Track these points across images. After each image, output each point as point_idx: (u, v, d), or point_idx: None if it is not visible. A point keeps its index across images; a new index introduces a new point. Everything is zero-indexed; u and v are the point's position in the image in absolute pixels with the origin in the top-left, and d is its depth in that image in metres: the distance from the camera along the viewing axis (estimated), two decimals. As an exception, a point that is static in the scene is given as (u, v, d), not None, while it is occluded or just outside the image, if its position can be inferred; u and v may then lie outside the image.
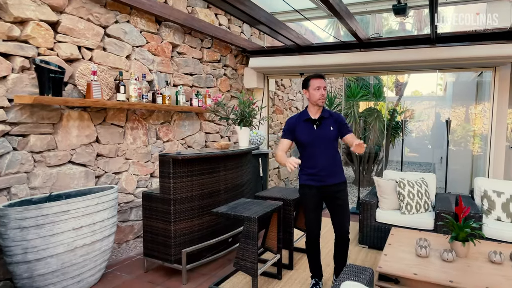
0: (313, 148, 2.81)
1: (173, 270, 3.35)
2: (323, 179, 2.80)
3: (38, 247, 2.55)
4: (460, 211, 2.85)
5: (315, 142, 2.80)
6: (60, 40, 3.09)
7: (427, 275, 2.45)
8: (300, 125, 2.84)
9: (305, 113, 2.88)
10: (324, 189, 2.82)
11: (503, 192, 3.83)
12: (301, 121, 2.85)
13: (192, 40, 4.68)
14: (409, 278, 2.47)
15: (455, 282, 2.34)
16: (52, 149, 3.05)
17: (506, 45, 4.33)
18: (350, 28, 4.24)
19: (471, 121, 7.33)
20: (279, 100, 7.33)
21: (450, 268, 2.58)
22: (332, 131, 2.81)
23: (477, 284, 2.33)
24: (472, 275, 2.49)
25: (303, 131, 2.82)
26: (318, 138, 2.80)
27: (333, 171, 2.84)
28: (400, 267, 2.57)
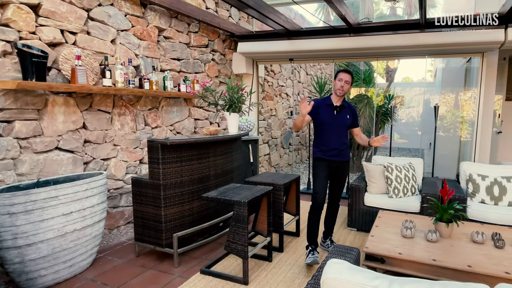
0: (330, 130, 3.38)
1: (164, 254, 3.42)
2: (334, 156, 3.38)
3: (28, 232, 2.59)
4: (444, 194, 2.94)
5: (332, 125, 3.37)
6: (42, 23, 3.07)
7: (411, 255, 2.55)
8: (323, 107, 3.36)
9: (329, 99, 3.43)
10: (332, 163, 3.39)
11: (488, 175, 3.97)
12: (325, 105, 3.38)
13: (178, 24, 4.67)
14: (394, 258, 2.57)
15: (438, 261, 2.44)
16: (38, 135, 3.06)
17: (494, 30, 4.38)
18: (340, 13, 4.26)
19: (460, 107, 7.44)
20: (268, 86, 7.37)
21: (434, 248, 2.69)
22: (348, 119, 3.42)
23: (459, 263, 2.44)
24: (454, 254, 2.59)
25: (325, 113, 3.36)
26: (336, 122, 3.37)
27: (341, 151, 3.42)
28: (386, 247, 2.66)
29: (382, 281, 1.28)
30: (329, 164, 3.38)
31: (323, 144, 3.39)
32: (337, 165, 3.43)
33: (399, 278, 1.30)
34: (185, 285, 2.87)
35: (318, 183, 3.36)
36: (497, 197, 3.85)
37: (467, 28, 4.44)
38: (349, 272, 1.35)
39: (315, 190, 3.36)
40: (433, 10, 14.62)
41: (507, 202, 3.81)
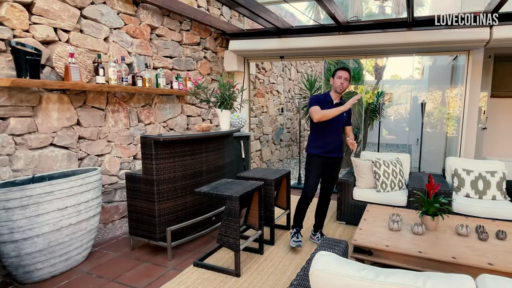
0: (328, 126, 3.41)
1: (158, 248, 3.46)
2: (328, 153, 3.45)
3: (24, 227, 2.61)
4: (430, 188, 3.00)
5: (332, 122, 3.37)
6: (35, 21, 3.07)
7: (398, 247, 2.59)
8: (324, 104, 3.39)
9: (328, 96, 3.49)
10: (326, 160, 3.46)
11: (472, 170, 4.05)
12: (326, 102, 3.42)
13: (171, 23, 4.68)
14: (381, 250, 2.62)
15: (423, 253, 2.50)
16: (33, 131, 3.07)
17: (479, 29, 4.42)
18: (329, 11, 4.28)
19: (447, 104, 7.48)
20: (260, 84, 7.41)
21: (420, 240, 2.73)
22: (345, 117, 3.47)
23: (443, 254, 2.48)
24: (439, 246, 2.64)
25: (325, 109, 3.32)
26: (335, 119, 3.35)
27: (337, 148, 3.51)
28: (373, 240, 2.71)
29: (368, 272, 1.30)
30: (324, 161, 3.45)
31: (321, 140, 3.44)
32: (332, 161, 3.51)
33: (385, 270, 1.33)
34: (178, 277, 2.91)
35: (311, 179, 3.44)
36: (482, 191, 3.92)
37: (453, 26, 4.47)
38: (336, 264, 1.37)
39: (307, 185, 3.44)
40: (420, 9, 14.77)
41: (491, 196, 3.89)
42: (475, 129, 5.33)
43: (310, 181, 3.43)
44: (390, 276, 1.26)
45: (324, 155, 3.42)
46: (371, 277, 1.27)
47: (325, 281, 1.34)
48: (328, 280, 1.33)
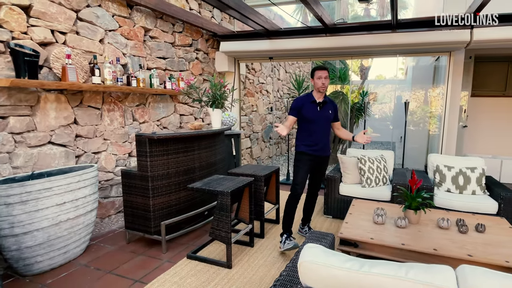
0: (315, 125, 3.41)
1: (153, 241, 3.52)
2: (317, 151, 3.44)
3: (24, 221, 2.66)
4: (413, 183, 3.05)
5: (317, 120, 3.40)
6: (33, 24, 3.10)
7: (382, 239, 2.65)
8: (306, 105, 3.38)
9: (311, 96, 3.43)
10: (314, 158, 3.45)
11: (453, 166, 4.13)
12: (308, 102, 3.39)
13: (164, 25, 4.73)
14: (366, 242, 2.67)
15: (406, 245, 2.55)
16: (32, 130, 3.10)
17: (460, 31, 4.48)
18: (316, 14, 4.33)
19: (429, 103, 7.54)
20: (250, 84, 7.48)
21: (403, 233, 2.79)
22: (330, 114, 3.48)
23: (425, 246, 2.53)
24: (422, 239, 2.69)
25: (309, 110, 3.37)
26: (320, 117, 3.41)
27: (325, 146, 3.51)
28: (359, 233, 2.76)
29: (354, 263, 1.34)
30: (312, 159, 3.45)
31: (308, 139, 3.42)
32: (320, 159, 3.51)
33: (370, 261, 1.36)
34: (173, 269, 2.96)
35: (299, 176, 3.42)
36: (462, 186, 3.99)
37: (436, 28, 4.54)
38: (324, 256, 1.41)
39: (296, 182, 3.43)
40: (404, 11, 14.99)
41: (471, 191, 3.96)
42: (456, 127, 5.41)
43: (298, 177, 3.42)
44: (374, 267, 1.30)
45: (312, 153, 3.42)
46: (356, 267, 1.31)
47: (313, 271, 1.38)
48: (316, 271, 1.37)
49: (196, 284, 2.72)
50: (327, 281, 1.35)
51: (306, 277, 1.40)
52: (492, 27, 4.31)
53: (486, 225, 2.95)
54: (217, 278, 2.83)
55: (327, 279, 1.34)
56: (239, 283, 2.74)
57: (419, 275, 1.23)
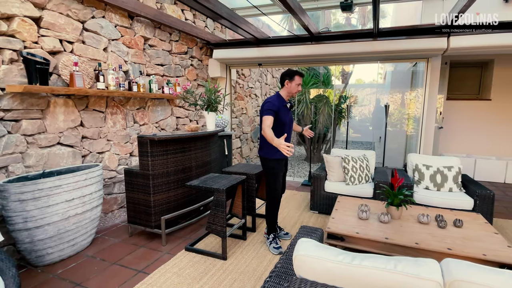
0: (287, 128, 3.29)
1: (153, 234, 3.64)
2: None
3: (36, 216, 2.75)
4: (395, 181, 3.14)
5: (288, 123, 3.30)
6: (43, 34, 3.18)
7: (367, 234, 2.73)
8: (281, 109, 3.19)
9: (282, 99, 3.26)
10: (285, 161, 3.43)
11: (431, 165, 4.21)
12: (282, 106, 3.22)
13: (161, 34, 4.82)
14: (352, 236, 2.76)
15: (389, 239, 2.64)
16: (42, 132, 3.18)
17: (438, 39, 4.58)
18: (303, 23, 4.41)
19: (406, 105, 7.62)
20: (240, 88, 7.61)
21: (386, 228, 2.86)
22: (291, 114, 3.41)
23: (407, 240, 2.61)
24: (403, 233, 2.76)
25: (284, 113, 3.23)
26: (290, 120, 3.34)
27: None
28: (345, 228, 2.85)
29: (346, 256, 1.37)
30: (285, 162, 3.42)
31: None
32: (286, 160, 3.49)
33: (360, 254, 1.39)
34: (172, 261, 3.05)
35: (278, 182, 3.30)
36: (439, 184, 4.06)
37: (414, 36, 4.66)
38: (317, 249, 1.44)
39: (276, 188, 3.31)
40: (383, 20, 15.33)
41: (448, 188, 4.03)
42: (433, 128, 5.49)
43: (277, 183, 3.30)
44: (365, 260, 1.33)
45: (285, 157, 3.30)
46: (348, 260, 1.35)
47: (307, 264, 1.42)
48: (310, 264, 1.41)
49: (194, 274, 2.82)
50: (320, 272, 1.39)
51: (300, 269, 1.44)
52: (467, 35, 4.45)
53: (464, 221, 3.04)
54: (214, 269, 2.93)
55: (320, 271, 1.39)
56: (234, 274, 2.85)
57: (407, 267, 1.27)
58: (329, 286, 1.38)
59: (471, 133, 7.24)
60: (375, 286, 1.31)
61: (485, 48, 4.53)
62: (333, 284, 1.38)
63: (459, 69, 7.18)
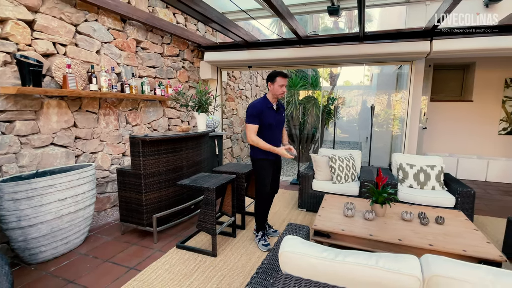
0: (274, 130, 3.24)
1: (145, 232, 3.66)
2: (276, 156, 3.33)
3: (30, 215, 2.76)
4: (379, 180, 3.18)
5: (275, 125, 3.23)
6: (36, 37, 3.19)
7: (352, 231, 2.76)
8: (265, 111, 3.13)
9: (267, 101, 3.20)
10: (275, 162, 3.38)
11: (415, 164, 4.27)
12: (266, 108, 3.15)
13: (153, 37, 4.84)
14: (338, 233, 2.79)
15: (374, 236, 2.67)
16: (36, 133, 3.19)
17: (421, 42, 4.66)
18: (291, 27, 4.45)
19: (392, 106, 7.68)
20: (230, 90, 7.64)
21: (371, 225, 2.90)
22: (283, 117, 3.37)
23: (391, 237, 2.64)
24: (388, 230, 2.80)
25: (269, 116, 3.15)
26: (278, 122, 3.26)
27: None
28: (331, 225, 2.88)
29: (329, 253, 1.39)
30: (273, 163, 3.34)
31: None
32: (278, 161, 3.46)
33: (343, 251, 1.41)
34: (163, 258, 3.08)
35: (266, 181, 3.28)
36: (423, 182, 4.12)
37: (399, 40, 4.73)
38: (302, 246, 1.47)
39: (264, 186, 3.28)
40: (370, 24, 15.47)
41: (431, 187, 4.09)
42: (417, 129, 5.55)
43: (266, 181, 3.28)
44: (348, 256, 1.37)
45: (273, 158, 3.30)
46: (332, 257, 1.38)
47: (292, 260, 1.44)
48: (295, 260, 1.43)
49: (185, 271, 2.85)
50: (305, 268, 1.42)
51: (286, 265, 1.47)
52: (448, 39, 4.55)
53: (445, 218, 3.10)
54: (204, 265, 2.96)
55: (304, 267, 1.42)
56: (224, 270, 2.89)
57: (388, 263, 1.31)
58: (313, 281, 1.41)
59: (454, 133, 7.39)
60: (358, 281, 1.35)
61: (466, 51, 4.63)
62: (317, 280, 1.41)
63: (442, 72, 7.32)
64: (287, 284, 1.42)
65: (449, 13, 3.74)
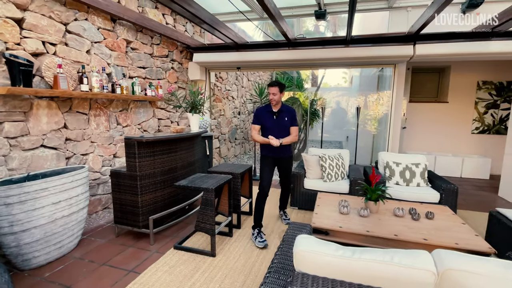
0: (272, 132, 3.50)
1: (140, 234, 3.54)
2: (277, 153, 3.56)
3: (23, 220, 2.61)
4: (373, 178, 3.23)
5: (273, 128, 3.51)
6: (25, 35, 3.02)
7: (350, 228, 2.78)
8: (264, 114, 3.53)
9: (269, 106, 3.57)
10: (277, 159, 3.62)
11: (401, 162, 4.37)
12: (266, 112, 3.54)
13: (143, 37, 4.70)
14: (336, 230, 2.80)
15: (371, 232, 2.69)
16: (25, 134, 3.02)
17: (405, 46, 4.76)
18: (282, 29, 4.44)
19: (372, 107, 7.81)
20: (218, 90, 7.56)
21: (366, 222, 2.92)
22: (286, 121, 3.54)
23: (387, 233, 2.67)
24: (383, 226, 2.83)
25: (267, 119, 3.52)
26: (276, 125, 3.52)
27: (284, 148, 3.56)
28: (329, 222, 2.89)
29: (345, 251, 1.40)
30: (275, 159, 3.58)
31: (268, 145, 3.50)
32: (282, 159, 3.64)
33: (358, 248, 1.42)
34: (162, 259, 2.98)
35: (265, 175, 3.51)
36: (408, 179, 4.21)
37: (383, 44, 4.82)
38: (317, 245, 1.46)
39: (262, 180, 3.51)
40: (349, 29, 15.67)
41: (416, 183, 4.19)
42: (399, 129, 5.66)
43: (264, 177, 3.51)
44: (364, 254, 1.37)
45: (273, 155, 3.54)
46: (348, 255, 1.38)
47: (308, 259, 1.43)
48: (310, 259, 1.43)
49: (185, 272, 2.78)
50: (320, 267, 1.42)
51: (301, 264, 1.45)
52: (430, 44, 4.70)
53: (435, 213, 3.16)
54: (204, 265, 2.89)
55: (320, 265, 1.42)
56: (225, 269, 2.84)
57: (403, 258, 1.32)
58: (330, 279, 1.41)
59: (431, 132, 7.62)
60: (373, 277, 1.36)
61: (445, 55, 4.78)
62: (333, 278, 1.41)
63: (419, 74, 7.52)
64: (305, 282, 1.41)
65: (432, 20, 3.83)
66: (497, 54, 4.63)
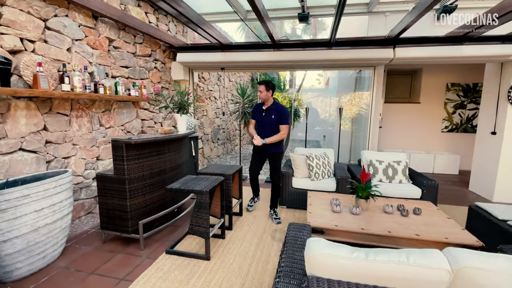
0: (261, 126, 3.93)
1: (129, 239, 3.33)
2: (259, 148, 3.93)
3: (3, 229, 2.37)
4: (363, 177, 3.23)
5: (261, 123, 3.94)
6: (2, 32, 2.75)
7: (344, 226, 2.77)
8: (257, 110, 4.03)
9: (262, 104, 4.00)
10: (264, 153, 3.98)
11: (383, 160, 4.44)
12: (258, 108, 4.02)
13: (126, 36, 4.45)
14: (331, 229, 2.78)
15: (365, 229, 2.69)
16: (2, 137, 2.74)
17: (386, 49, 4.86)
18: (268, 30, 4.37)
19: (350, 107, 7.93)
20: (200, 91, 7.36)
21: (359, 219, 2.92)
22: (273, 118, 3.83)
23: (381, 230, 2.68)
24: (375, 223, 2.85)
25: (258, 114, 4.00)
26: (263, 121, 3.91)
27: (267, 147, 3.88)
28: (323, 221, 2.86)
29: (360, 253, 1.36)
30: (258, 152, 3.99)
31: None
32: (269, 155, 3.97)
33: (372, 249, 1.38)
34: (154, 265, 2.81)
35: (251, 162, 4.12)
36: (391, 177, 4.28)
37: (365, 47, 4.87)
38: (330, 248, 1.42)
39: (250, 168, 4.14)
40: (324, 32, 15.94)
41: (398, 180, 4.27)
42: (378, 128, 5.75)
43: (251, 162, 4.12)
44: (379, 255, 1.34)
45: (256, 147, 3.91)
46: (363, 257, 1.34)
47: (321, 263, 1.38)
48: (324, 262, 1.38)
49: (180, 277, 2.62)
50: (333, 270, 1.37)
51: (314, 267, 1.40)
52: (409, 47, 4.82)
53: (422, 209, 3.22)
54: (200, 270, 2.76)
55: (333, 268, 1.37)
56: (221, 273, 2.71)
57: (418, 258, 1.30)
58: (344, 282, 1.36)
59: (405, 131, 7.83)
60: (388, 278, 1.32)
61: (422, 58, 4.90)
62: (348, 280, 1.35)
63: (394, 76, 7.70)
64: (321, 287, 1.34)
65: (412, 25, 3.89)
66: (469, 58, 4.80)
